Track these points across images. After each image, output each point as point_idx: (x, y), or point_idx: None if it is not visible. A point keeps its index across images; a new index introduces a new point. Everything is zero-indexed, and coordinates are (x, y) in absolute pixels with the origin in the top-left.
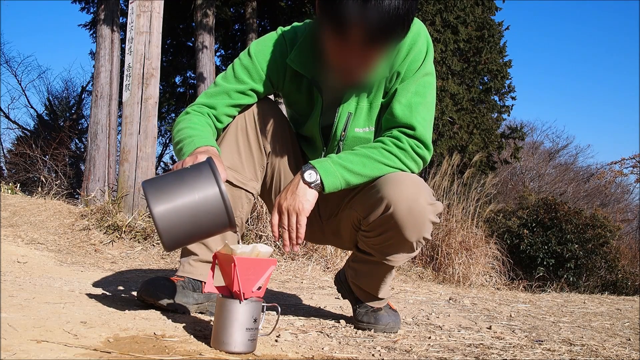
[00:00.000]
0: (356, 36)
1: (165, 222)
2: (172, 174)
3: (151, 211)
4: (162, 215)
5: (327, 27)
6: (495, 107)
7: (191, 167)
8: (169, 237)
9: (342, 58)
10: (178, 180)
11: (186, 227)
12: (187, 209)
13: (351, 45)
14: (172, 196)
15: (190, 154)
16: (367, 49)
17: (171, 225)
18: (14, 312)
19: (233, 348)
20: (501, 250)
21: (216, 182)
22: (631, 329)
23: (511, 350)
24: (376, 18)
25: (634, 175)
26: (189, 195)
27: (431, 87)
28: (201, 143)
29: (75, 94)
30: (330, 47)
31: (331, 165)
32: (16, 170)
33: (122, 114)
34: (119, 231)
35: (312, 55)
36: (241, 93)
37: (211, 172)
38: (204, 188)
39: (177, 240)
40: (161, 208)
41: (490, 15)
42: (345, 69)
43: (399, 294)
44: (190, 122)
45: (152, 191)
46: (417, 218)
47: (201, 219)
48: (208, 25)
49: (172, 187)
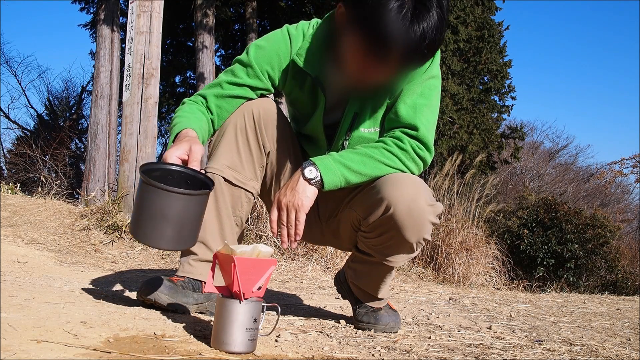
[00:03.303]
0: (392, 55)
1: (154, 241)
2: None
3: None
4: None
5: (358, 37)
6: (495, 107)
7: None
8: (167, 244)
9: (367, 70)
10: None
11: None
12: (154, 217)
13: (382, 61)
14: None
15: (172, 143)
16: (398, 67)
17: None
18: (14, 312)
19: (233, 348)
20: (501, 250)
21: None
22: (631, 329)
23: (511, 350)
24: (418, 41)
25: (634, 175)
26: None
27: (436, 90)
28: (180, 128)
29: (75, 94)
30: (355, 57)
31: (332, 162)
32: (16, 170)
33: (122, 114)
34: (119, 231)
35: (319, 54)
36: (233, 84)
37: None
38: (150, 197)
39: (180, 239)
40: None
41: (490, 15)
42: (365, 79)
43: (399, 294)
44: (180, 111)
45: (138, 234)
46: (417, 219)
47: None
48: (208, 25)
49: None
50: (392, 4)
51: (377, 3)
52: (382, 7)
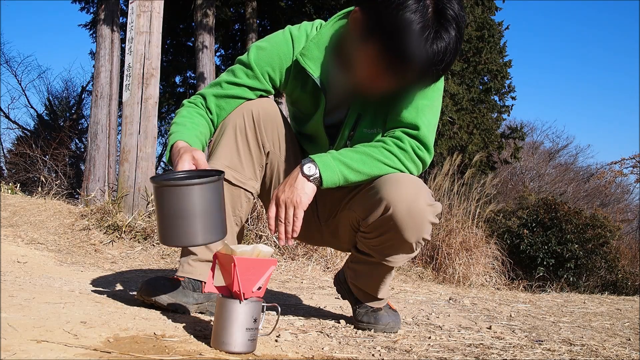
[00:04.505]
0: (408, 73)
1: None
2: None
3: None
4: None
5: (375, 48)
6: (495, 107)
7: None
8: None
9: (377, 80)
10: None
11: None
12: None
13: (396, 76)
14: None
15: (169, 153)
16: (410, 83)
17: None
18: (14, 312)
19: (233, 348)
20: (501, 250)
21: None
22: (631, 329)
23: (511, 350)
24: (435, 64)
25: (634, 175)
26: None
27: (439, 92)
28: (174, 140)
29: (75, 94)
30: (368, 66)
31: (331, 160)
32: (16, 170)
33: (122, 114)
34: (119, 231)
35: (324, 56)
36: (233, 84)
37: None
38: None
39: (210, 230)
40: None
41: (490, 15)
42: (373, 87)
43: (399, 294)
44: (178, 117)
45: (168, 238)
46: (417, 219)
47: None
48: (208, 25)
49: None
50: (415, 26)
51: (401, 20)
52: (406, 26)
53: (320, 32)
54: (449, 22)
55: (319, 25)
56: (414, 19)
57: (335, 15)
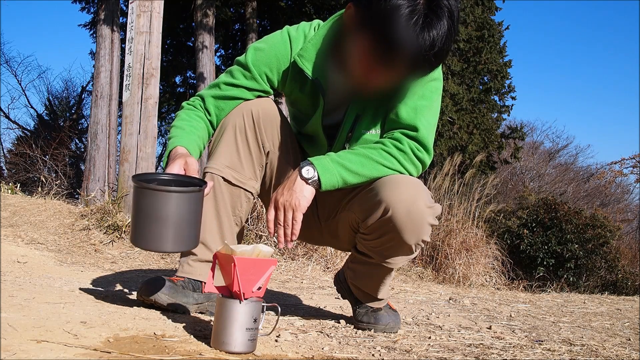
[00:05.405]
0: (399, 61)
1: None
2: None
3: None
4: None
5: (366, 40)
6: (495, 107)
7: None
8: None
9: (372, 74)
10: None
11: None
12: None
13: (388, 66)
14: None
15: (167, 158)
16: (404, 73)
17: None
18: (14, 312)
19: (233, 348)
20: (501, 250)
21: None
22: (631, 329)
23: (511, 350)
24: (426, 49)
25: (634, 175)
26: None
27: (437, 93)
28: (173, 145)
29: (75, 94)
30: (361, 60)
31: (329, 162)
32: (16, 170)
33: (122, 114)
34: (119, 231)
35: (321, 56)
36: (230, 85)
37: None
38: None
39: (181, 240)
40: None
41: (490, 15)
42: (369, 82)
43: (399, 294)
44: (178, 120)
45: (138, 240)
46: (416, 221)
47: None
48: (208, 25)
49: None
50: (403, 10)
51: (389, 7)
52: (393, 11)
53: (318, 32)
54: (441, 9)
55: (317, 26)
56: (402, 4)
57: (333, 16)
